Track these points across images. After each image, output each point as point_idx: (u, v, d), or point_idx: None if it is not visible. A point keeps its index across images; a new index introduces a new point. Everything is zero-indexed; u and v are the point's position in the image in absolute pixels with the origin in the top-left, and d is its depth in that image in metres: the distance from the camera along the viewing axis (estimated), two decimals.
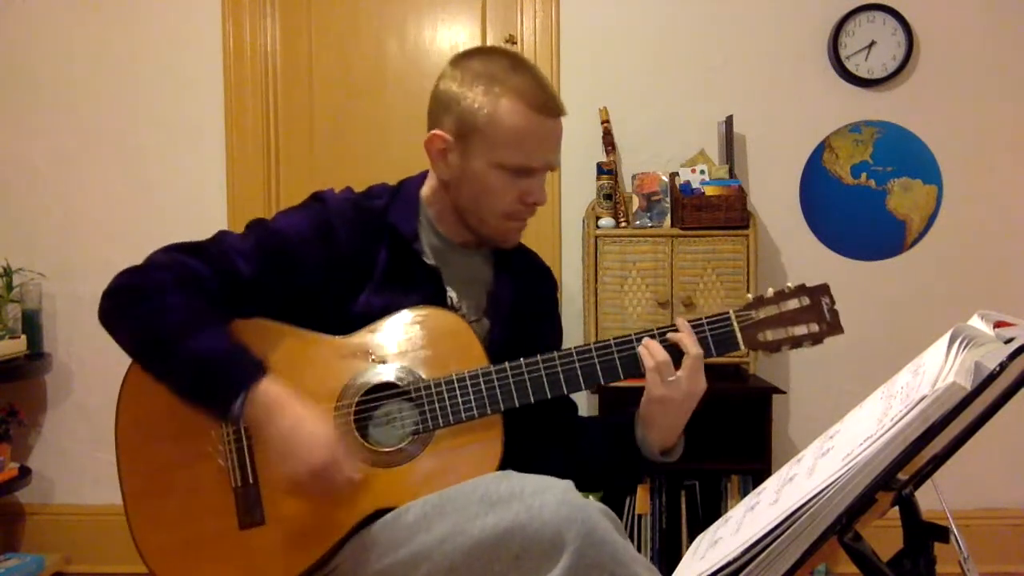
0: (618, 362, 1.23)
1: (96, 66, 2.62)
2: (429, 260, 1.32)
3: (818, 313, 1.25)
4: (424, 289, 1.30)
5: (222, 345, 1.17)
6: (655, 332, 1.24)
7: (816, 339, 1.25)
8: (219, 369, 1.14)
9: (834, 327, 1.26)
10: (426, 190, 1.37)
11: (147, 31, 2.62)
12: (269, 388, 1.14)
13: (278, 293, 1.25)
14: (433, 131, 1.29)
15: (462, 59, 1.31)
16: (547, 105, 1.26)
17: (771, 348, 1.25)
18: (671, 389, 1.20)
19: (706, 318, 1.24)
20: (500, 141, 1.24)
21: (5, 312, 2.54)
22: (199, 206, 2.62)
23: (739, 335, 1.24)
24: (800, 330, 1.24)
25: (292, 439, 1.12)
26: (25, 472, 2.52)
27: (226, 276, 1.22)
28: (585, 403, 2.55)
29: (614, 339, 1.24)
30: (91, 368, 2.63)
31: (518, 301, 1.40)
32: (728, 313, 1.24)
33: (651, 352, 1.21)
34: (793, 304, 1.25)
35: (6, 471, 2.45)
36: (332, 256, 1.26)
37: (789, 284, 1.26)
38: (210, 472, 1.18)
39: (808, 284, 1.27)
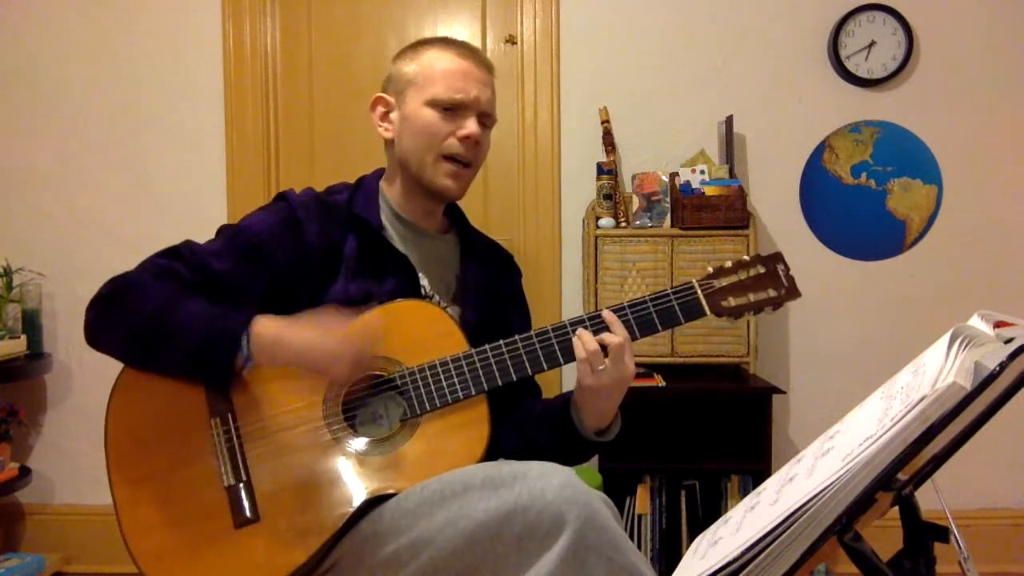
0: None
1: (96, 66, 2.62)
2: (399, 246, 1.37)
3: (776, 279, 1.31)
4: (397, 276, 1.35)
5: (206, 308, 1.21)
6: (585, 320, 1.27)
7: (776, 304, 1.30)
8: (212, 327, 1.18)
9: (792, 291, 1.31)
10: (384, 180, 1.45)
11: (147, 31, 2.62)
12: (266, 323, 1.18)
13: (254, 289, 1.28)
14: (375, 95, 1.42)
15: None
16: (470, 54, 1.38)
17: (735, 313, 1.30)
18: (600, 378, 1.24)
19: (671, 289, 1.30)
20: (429, 80, 1.37)
21: (5, 312, 2.54)
22: (199, 206, 2.62)
23: (704, 302, 1.29)
24: (761, 295, 1.30)
25: (315, 352, 1.17)
26: (25, 472, 2.52)
27: (203, 275, 1.26)
28: None
29: (588, 314, 1.28)
30: (91, 368, 2.63)
31: (486, 287, 1.45)
32: (692, 282, 1.30)
33: (583, 343, 1.24)
34: (752, 272, 1.31)
35: (6, 471, 2.45)
36: (301, 247, 1.31)
37: (745, 255, 1.32)
38: (202, 473, 1.18)
39: (763, 254, 1.33)
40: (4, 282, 2.53)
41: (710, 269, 1.31)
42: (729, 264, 1.31)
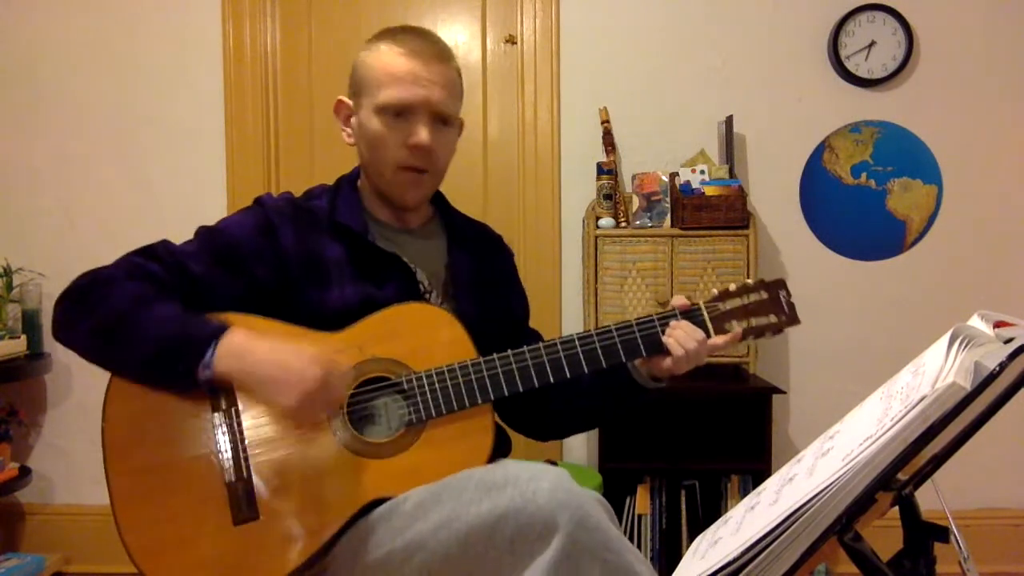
0: (600, 352, 1.28)
1: (96, 66, 2.62)
2: (387, 248, 1.35)
3: (777, 306, 1.34)
4: (395, 278, 1.33)
5: (180, 312, 1.19)
6: (657, 319, 1.30)
7: (776, 330, 1.34)
8: (182, 331, 1.16)
9: (792, 319, 1.35)
10: (361, 180, 1.42)
11: (147, 31, 2.62)
12: (237, 335, 1.15)
13: (231, 292, 1.27)
14: (337, 98, 1.39)
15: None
16: (422, 49, 1.31)
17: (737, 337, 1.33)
18: (680, 367, 1.29)
19: (679, 309, 1.32)
20: (376, 83, 1.31)
21: (5, 312, 2.54)
22: (199, 206, 2.62)
23: (709, 325, 1.31)
24: (762, 321, 1.34)
25: (280, 367, 1.13)
26: (25, 472, 2.52)
27: (178, 273, 1.24)
28: None
29: (595, 330, 1.30)
30: (91, 368, 2.60)
31: (477, 273, 1.43)
32: (699, 304, 1.33)
33: (680, 343, 1.27)
34: (755, 297, 1.34)
35: (6, 471, 2.45)
36: (277, 252, 1.29)
37: (748, 280, 1.35)
38: (201, 469, 1.17)
39: (766, 279, 1.36)
40: (4, 282, 2.53)
41: (715, 291, 1.33)
42: (733, 288, 1.33)
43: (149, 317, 1.16)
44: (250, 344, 1.15)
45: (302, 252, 1.30)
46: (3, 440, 2.47)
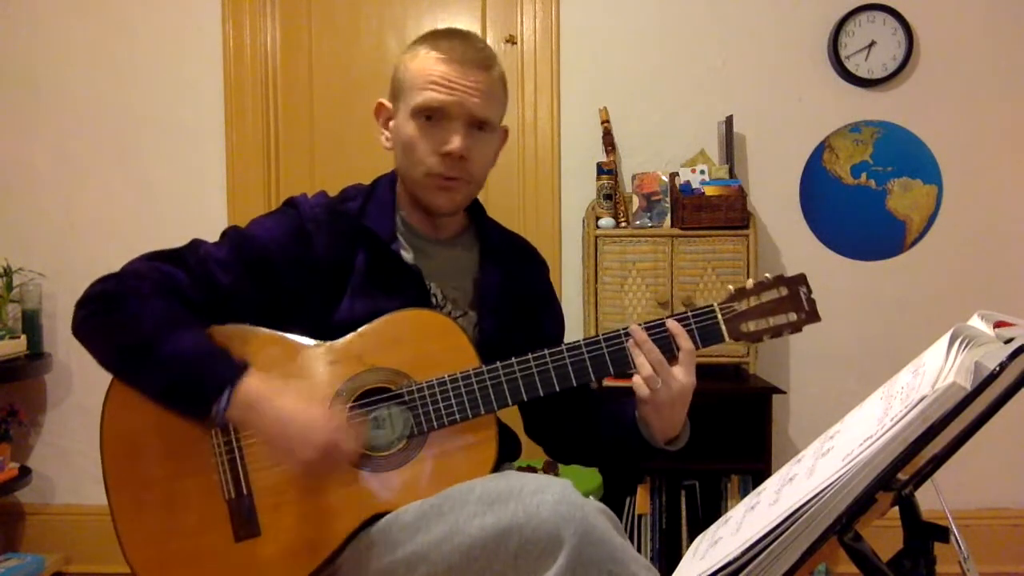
0: (608, 358, 1.22)
1: (96, 66, 2.62)
2: (409, 260, 1.32)
3: (796, 303, 1.26)
4: (407, 291, 1.29)
5: (203, 345, 1.16)
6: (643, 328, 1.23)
7: (795, 328, 1.26)
8: (201, 368, 1.14)
9: (812, 315, 1.27)
10: (398, 184, 1.37)
11: (147, 31, 2.62)
12: (253, 384, 1.13)
13: (257, 300, 1.25)
14: (378, 100, 1.36)
15: None
16: (462, 55, 1.26)
17: (753, 338, 1.25)
18: (658, 394, 1.19)
19: (691, 311, 1.25)
20: (414, 87, 1.27)
21: (5, 312, 2.54)
22: (199, 206, 2.62)
23: (723, 327, 1.23)
24: (780, 319, 1.25)
25: (288, 428, 1.12)
26: (25, 472, 2.52)
27: (205, 283, 1.22)
28: None
29: (603, 335, 1.23)
30: (91, 368, 2.58)
31: (508, 290, 1.39)
32: (712, 306, 1.24)
33: (639, 364, 1.20)
34: (772, 295, 1.25)
35: (6, 471, 2.45)
36: (309, 261, 1.26)
37: (767, 275, 1.27)
38: (202, 485, 1.17)
39: (786, 275, 1.27)
40: (4, 282, 2.53)
41: (731, 289, 1.26)
42: (750, 285, 1.25)
43: (169, 348, 1.14)
44: (263, 399, 1.13)
45: (333, 261, 1.27)
46: (3, 440, 2.48)
